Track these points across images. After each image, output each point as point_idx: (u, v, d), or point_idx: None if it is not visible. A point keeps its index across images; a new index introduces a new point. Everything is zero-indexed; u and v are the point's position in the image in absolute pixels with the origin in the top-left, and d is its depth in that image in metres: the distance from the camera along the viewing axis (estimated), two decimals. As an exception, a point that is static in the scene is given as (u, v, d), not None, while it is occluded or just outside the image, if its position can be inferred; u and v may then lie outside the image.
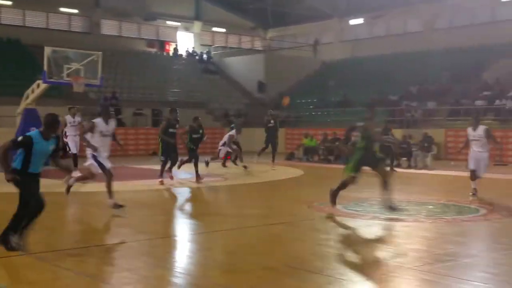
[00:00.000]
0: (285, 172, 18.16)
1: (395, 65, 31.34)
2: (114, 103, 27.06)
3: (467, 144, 12.47)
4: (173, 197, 13.27)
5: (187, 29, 40.55)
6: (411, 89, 28.56)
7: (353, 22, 37.96)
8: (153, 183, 14.20)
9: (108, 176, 9.84)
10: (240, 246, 7.58)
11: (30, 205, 6.63)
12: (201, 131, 15.22)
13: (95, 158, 9.92)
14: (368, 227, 8.95)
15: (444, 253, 7.08)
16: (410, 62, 31.01)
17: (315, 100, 32.08)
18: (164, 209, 11.23)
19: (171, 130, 14.03)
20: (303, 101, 32.65)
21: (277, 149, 20.18)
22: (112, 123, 10.21)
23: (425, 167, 19.67)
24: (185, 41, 40.24)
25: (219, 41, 42.21)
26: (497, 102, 24.27)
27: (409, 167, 20.04)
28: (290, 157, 24.30)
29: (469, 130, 12.28)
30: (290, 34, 40.98)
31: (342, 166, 10.96)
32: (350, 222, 9.35)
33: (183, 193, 13.66)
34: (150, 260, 6.78)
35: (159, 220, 9.82)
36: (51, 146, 6.82)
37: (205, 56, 39.41)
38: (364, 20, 37.49)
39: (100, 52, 19.71)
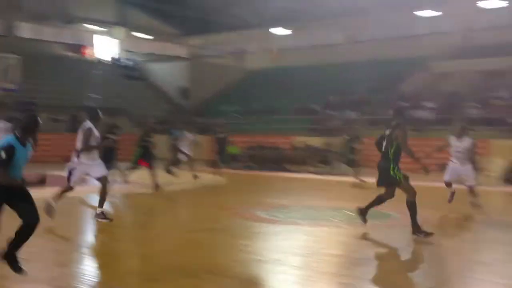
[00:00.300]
0: (208, 179, 18.11)
1: (318, 75, 32.01)
2: (31, 108, 26.04)
3: (439, 150, 11.39)
4: (89, 205, 12.90)
5: (111, 34, 39.79)
6: (332, 99, 29.25)
7: (277, 32, 38.50)
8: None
9: (103, 183, 9.37)
10: (160, 254, 7.46)
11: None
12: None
13: (76, 171, 9.34)
14: (289, 233, 9.05)
15: (361, 257, 7.27)
16: (332, 73, 31.76)
17: (239, 108, 32.26)
18: (81, 218, 10.90)
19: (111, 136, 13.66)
20: (227, 109, 32.74)
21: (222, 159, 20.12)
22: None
23: (344, 174, 20.14)
24: (108, 47, 39.46)
25: (143, 47, 41.66)
26: (414, 113, 25.22)
27: (328, 173, 20.47)
28: (213, 164, 24.25)
29: (453, 140, 11.24)
30: (215, 42, 41.04)
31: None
32: (271, 228, 9.43)
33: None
34: (65, 271, 6.54)
35: (73, 229, 9.53)
36: (29, 152, 5.92)
37: (128, 62, 38.78)
38: (288, 30, 38.10)
39: (18, 56, 18.98)
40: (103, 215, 9.32)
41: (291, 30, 37.77)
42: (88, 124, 9.33)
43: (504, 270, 6.79)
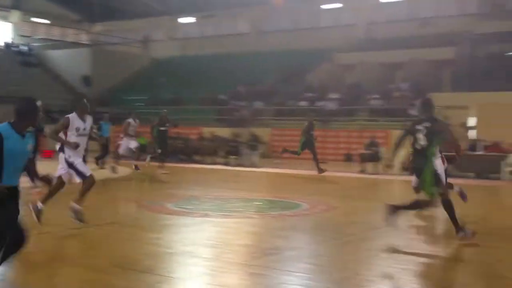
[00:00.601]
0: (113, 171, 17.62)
1: (225, 65, 32.02)
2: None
3: None
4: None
5: (4, 18, 37.70)
6: (239, 89, 29.37)
7: (183, 20, 38.09)
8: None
9: (88, 183, 8.32)
10: (66, 248, 7.17)
11: (4, 238, 4.67)
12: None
13: (70, 165, 8.22)
14: (200, 225, 8.98)
15: (270, 247, 7.33)
16: (239, 63, 31.89)
17: (145, 97, 31.66)
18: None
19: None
20: (132, 98, 32.04)
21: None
22: (90, 119, 8.44)
23: (253, 165, 20.32)
24: (1, 31, 37.36)
25: (40, 32, 39.82)
26: (319, 103, 25.85)
27: (237, 165, 20.57)
28: (117, 155, 23.63)
29: None
30: (119, 29, 39.98)
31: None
32: (181, 220, 9.32)
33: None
34: None
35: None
36: (29, 145, 4.84)
37: (24, 48, 36.93)
38: (194, 19, 37.81)
39: None
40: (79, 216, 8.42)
41: (197, 19, 37.51)
42: None
43: (404, 256, 7.05)
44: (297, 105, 26.28)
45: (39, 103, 5.36)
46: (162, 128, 18.12)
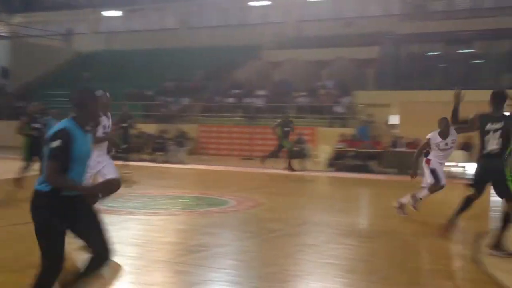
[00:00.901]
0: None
1: (152, 60, 31.51)
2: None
3: (420, 154, 9.28)
4: None
5: None
6: (166, 85, 28.97)
7: (108, 13, 37.18)
8: None
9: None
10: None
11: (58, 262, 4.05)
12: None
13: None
14: (124, 223, 8.75)
15: (197, 244, 7.24)
16: (166, 58, 31.43)
17: (67, 92, 30.63)
18: None
19: None
20: (54, 92, 30.93)
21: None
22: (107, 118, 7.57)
23: (180, 161, 20.09)
24: None
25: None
26: (246, 100, 25.89)
27: (164, 161, 20.28)
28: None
29: (435, 136, 8.95)
30: (40, 21, 38.51)
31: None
32: (105, 219, 8.99)
33: None
34: None
35: None
36: (91, 144, 4.19)
37: None
38: (121, 12, 36.98)
39: None
40: None
41: (124, 12, 36.71)
42: None
43: (329, 250, 7.15)
44: (225, 101, 26.22)
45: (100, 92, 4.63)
46: (123, 125, 17.03)
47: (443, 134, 8.97)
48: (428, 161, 9.18)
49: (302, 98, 24.81)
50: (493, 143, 6.66)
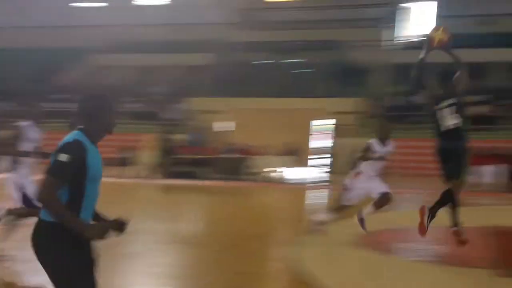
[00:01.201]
0: None
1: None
2: None
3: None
4: None
5: None
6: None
7: None
8: None
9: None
10: None
11: None
12: None
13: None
14: None
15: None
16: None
17: None
18: None
19: None
20: None
21: None
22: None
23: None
24: None
25: None
26: (73, 105, 24.59)
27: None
28: None
29: (375, 144, 7.65)
30: None
31: None
32: None
33: None
34: None
35: None
36: (100, 159, 3.28)
37: None
38: None
39: None
40: None
41: None
42: None
43: (153, 259, 6.88)
44: (49, 106, 24.63)
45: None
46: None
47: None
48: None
49: (130, 104, 24.16)
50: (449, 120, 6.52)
